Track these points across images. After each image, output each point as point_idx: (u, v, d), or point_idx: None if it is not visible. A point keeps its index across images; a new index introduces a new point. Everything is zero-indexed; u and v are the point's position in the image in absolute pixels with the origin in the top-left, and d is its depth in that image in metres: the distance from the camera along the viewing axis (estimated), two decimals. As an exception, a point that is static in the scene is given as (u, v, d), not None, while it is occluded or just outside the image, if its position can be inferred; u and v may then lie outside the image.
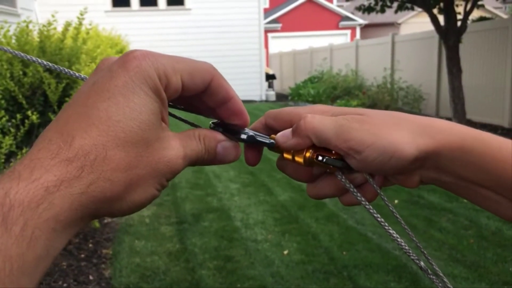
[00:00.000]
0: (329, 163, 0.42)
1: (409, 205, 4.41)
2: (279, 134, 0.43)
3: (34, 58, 0.43)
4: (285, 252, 3.45)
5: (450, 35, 7.50)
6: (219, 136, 0.40)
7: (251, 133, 0.42)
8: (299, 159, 0.42)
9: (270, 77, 16.70)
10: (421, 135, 0.39)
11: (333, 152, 0.42)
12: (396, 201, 4.53)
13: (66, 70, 0.43)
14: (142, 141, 0.33)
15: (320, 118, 0.41)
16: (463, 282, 2.97)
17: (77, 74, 0.43)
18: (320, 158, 0.42)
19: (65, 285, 3.00)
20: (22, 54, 0.44)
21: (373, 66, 12.41)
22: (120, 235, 3.81)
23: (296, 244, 3.59)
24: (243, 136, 0.41)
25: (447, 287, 0.44)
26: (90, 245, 3.58)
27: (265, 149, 0.45)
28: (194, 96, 0.39)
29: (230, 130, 0.41)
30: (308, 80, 14.96)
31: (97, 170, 0.30)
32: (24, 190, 0.28)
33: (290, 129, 0.42)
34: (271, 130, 0.44)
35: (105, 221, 4.12)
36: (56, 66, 0.43)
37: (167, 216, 4.27)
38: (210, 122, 0.42)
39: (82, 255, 3.41)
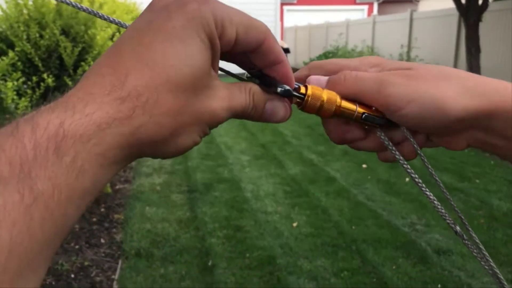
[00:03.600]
0: (369, 121, 0.41)
1: (420, 184, 4.39)
2: (313, 77, 0.42)
3: (106, 16, 0.42)
4: (294, 224, 3.47)
5: (470, 13, 7.33)
6: (271, 95, 0.39)
7: (287, 87, 0.40)
8: (329, 107, 0.41)
9: (284, 51, 16.38)
10: (472, 94, 0.38)
11: (373, 108, 0.41)
12: (407, 179, 4.51)
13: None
14: (192, 88, 0.32)
15: (361, 74, 0.40)
16: (471, 261, 2.97)
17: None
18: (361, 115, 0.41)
19: (77, 246, 3.05)
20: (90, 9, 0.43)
21: (389, 43, 12.22)
22: (132, 201, 3.85)
23: (306, 217, 3.61)
24: (279, 90, 0.40)
25: (482, 254, 0.43)
26: (102, 210, 3.63)
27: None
28: (242, 54, 0.38)
29: (267, 82, 0.40)
30: (323, 55, 14.78)
31: (147, 112, 0.30)
32: (78, 123, 0.28)
33: (327, 77, 0.41)
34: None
35: (117, 187, 4.16)
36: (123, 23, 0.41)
37: (178, 185, 4.30)
38: (246, 73, 0.41)
39: (94, 219, 3.45)
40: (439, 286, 2.70)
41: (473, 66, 7.53)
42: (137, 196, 3.98)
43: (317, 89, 0.40)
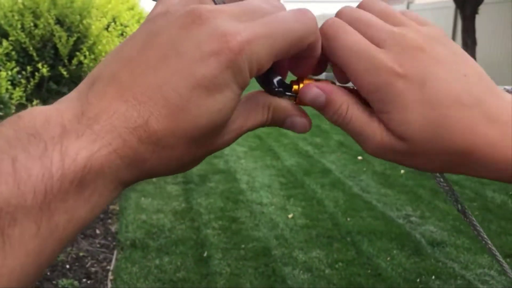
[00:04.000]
0: None
1: (416, 176, 4.41)
2: (306, 92, 0.37)
3: None
4: (290, 216, 3.48)
5: (467, 5, 7.33)
6: (291, 109, 0.36)
7: (280, 89, 0.37)
8: None
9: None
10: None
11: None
12: (402, 171, 4.53)
13: None
14: (209, 138, 0.32)
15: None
16: (465, 253, 2.99)
17: None
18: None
19: (69, 242, 3.04)
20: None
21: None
22: (127, 192, 3.84)
23: (301, 209, 3.61)
24: (276, 90, 0.36)
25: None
26: (97, 200, 3.62)
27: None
28: None
29: (268, 78, 0.36)
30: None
31: (162, 157, 0.30)
32: (104, 159, 0.27)
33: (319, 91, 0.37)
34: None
35: (112, 177, 4.16)
36: None
37: (173, 176, 4.29)
38: None
39: (89, 210, 3.45)
40: (433, 277, 2.72)
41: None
42: (133, 187, 3.97)
43: (309, 83, 0.37)
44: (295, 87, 0.37)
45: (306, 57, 0.35)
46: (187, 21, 0.30)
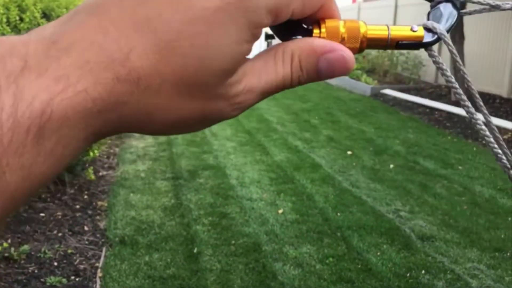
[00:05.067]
0: (404, 47, 0.34)
1: (405, 170, 4.43)
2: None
3: None
4: (280, 211, 3.47)
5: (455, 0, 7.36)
6: (324, 44, 0.29)
7: (299, 36, 0.31)
8: (353, 43, 0.31)
9: (269, 37, 16.44)
10: None
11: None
12: (391, 166, 4.54)
13: None
14: (210, 94, 0.26)
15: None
16: (454, 247, 3.00)
17: None
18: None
19: (60, 234, 3.01)
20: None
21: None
22: (115, 188, 3.81)
23: (291, 204, 3.61)
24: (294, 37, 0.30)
25: None
26: (85, 197, 3.58)
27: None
28: None
29: (285, 30, 0.30)
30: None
31: (142, 101, 0.25)
32: (68, 102, 0.23)
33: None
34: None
35: (101, 173, 4.12)
36: None
37: (162, 171, 4.26)
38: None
39: (77, 206, 3.41)
40: (423, 272, 2.73)
41: (457, 52, 7.58)
42: (121, 183, 3.94)
43: (332, 23, 0.31)
44: (316, 31, 0.30)
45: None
46: None
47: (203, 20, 0.24)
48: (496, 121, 6.16)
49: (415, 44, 0.34)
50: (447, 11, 0.37)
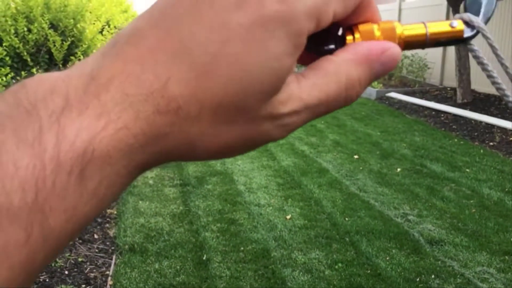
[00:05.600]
0: (444, 44, 0.33)
1: (412, 174, 4.43)
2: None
3: None
4: (288, 216, 3.48)
5: (459, 3, 7.36)
6: (371, 49, 0.27)
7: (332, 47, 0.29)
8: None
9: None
10: None
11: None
12: (398, 169, 4.54)
13: None
14: (241, 110, 0.24)
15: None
16: (464, 251, 3.00)
17: None
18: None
19: (70, 242, 3.03)
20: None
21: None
22: (124, 195, 3.83)
23: (299, 209, 3.61)
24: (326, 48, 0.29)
25: None
26: (94, 205, 3.60)
27: None
28: None
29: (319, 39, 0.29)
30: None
31: (184, 131, 0.24)
32: (110, 139, 0.22)
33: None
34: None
35: (109, 181, 4.14)
36: None
37: (170, 178, 4.28)
38: None
39: (87, 214, 3.43)
40: (432, 276, 2.73)
41: (462, 56, 7.58)
42: (130, 190, 3.96)
43: (366, 27, 0.29)
44: (349, 37, 0.29)
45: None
46: None
47: (238, 38, 0.23)
48: None
49: (456, 40, 0.32)
50: (484, 1, 0.34)
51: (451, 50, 8.69)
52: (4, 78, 2.83)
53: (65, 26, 3.36)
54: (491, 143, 5.56)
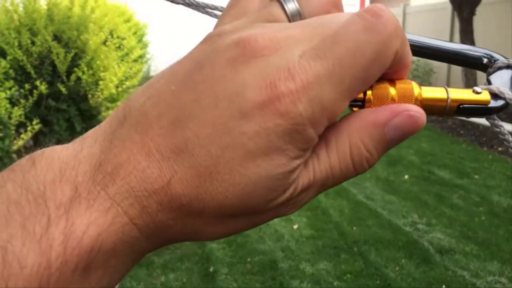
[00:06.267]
0: (468, 113, 0.30)
1: (420, 181, 4.38)
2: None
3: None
4: (295, 226, 3.44)
5: (464, 7, 7.33)
6: (380, 115, 0.26)
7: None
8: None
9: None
10: None
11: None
12: (406, 177, 4.49)
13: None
14: (251, 212, 0.25)
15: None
16: (474, 260, 2.95)
17: None
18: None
19: None
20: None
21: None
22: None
23: (306, 219, 3.57)
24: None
25: None
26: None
27: None
28: None
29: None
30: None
31: (186, 224, 0.24)
32: (116, 233, 0.22)
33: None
34: None
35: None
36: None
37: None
38: None
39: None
40: (443, 286, 2.68)
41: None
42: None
43: (381, 86, 0.27)
44: (360, 95, 0.27)
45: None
46: (236, 53, 0.23)
47: (240, 146, 0.22)
48: None
49: (480, 109, 0.30)
50: (510, 76, 0.32)
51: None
52: (8, 92, 2.82)
53: (69, 38, 3.35)
54: (500, 149, 5.50)
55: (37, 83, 3.06)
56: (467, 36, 7.44)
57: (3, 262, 0.20)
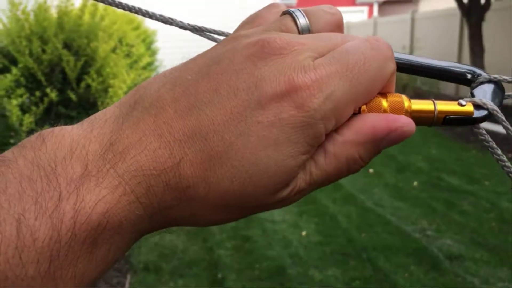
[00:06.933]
0: (454, 123, 0.33)
1: (429, 187, 4.36)
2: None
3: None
4: (303, 233, 3.44)
5: (473, 13, 7.30)
6: (378, 128, 0.27)
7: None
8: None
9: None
10: None
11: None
12: (415, 183, 4.47)
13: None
14: (252, 203, 0.26)
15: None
16: (484, 267, 2.93)
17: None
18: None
19: None
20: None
21: (391, 44, 12.04)
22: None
23: (314, 225, 3.57)
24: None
25: None
26: (109, 223, 3.60)
27: None
28: None
29: None
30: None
31: (189, 208, 0.26)
32: (123, 210, 0.24)
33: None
34: None
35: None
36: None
37: (184, 195, 4.27)
38: None
39: (101, 233, 3.43)
40: (452, 293, 2.66)
41: (477, 65, 7.50)
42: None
43: (374, 99, 0.29)
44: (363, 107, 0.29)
45: None
46: (255, 50, 0.25)
47: (255, 134, 0.24)
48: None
49: (465, 119, 0.32)
50: (491, 89, 0.36)
51: (466, 60, 8.61)
52: (19, 99, 2.86)
53: (79, 46, 3.39)
54: (510, 155, 5.46)
55: (48, 90, 3.09)
56: (476, 42, 7.41)
57: (17, 234, 0.21)
